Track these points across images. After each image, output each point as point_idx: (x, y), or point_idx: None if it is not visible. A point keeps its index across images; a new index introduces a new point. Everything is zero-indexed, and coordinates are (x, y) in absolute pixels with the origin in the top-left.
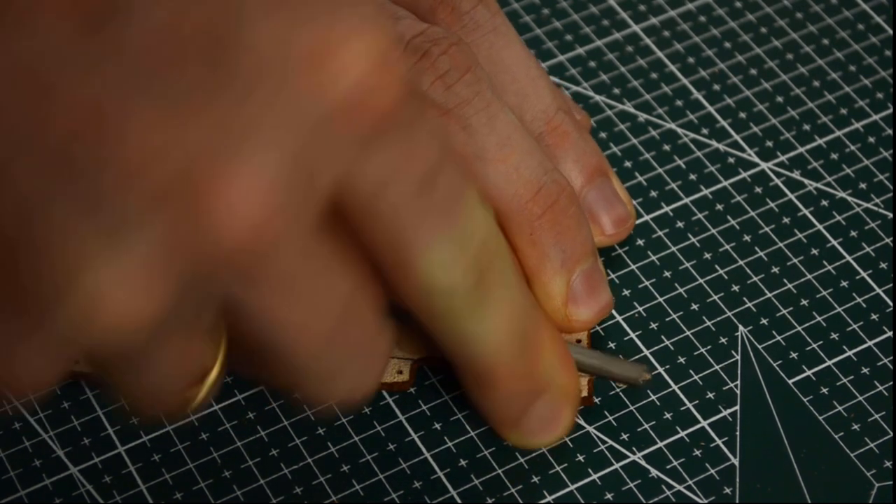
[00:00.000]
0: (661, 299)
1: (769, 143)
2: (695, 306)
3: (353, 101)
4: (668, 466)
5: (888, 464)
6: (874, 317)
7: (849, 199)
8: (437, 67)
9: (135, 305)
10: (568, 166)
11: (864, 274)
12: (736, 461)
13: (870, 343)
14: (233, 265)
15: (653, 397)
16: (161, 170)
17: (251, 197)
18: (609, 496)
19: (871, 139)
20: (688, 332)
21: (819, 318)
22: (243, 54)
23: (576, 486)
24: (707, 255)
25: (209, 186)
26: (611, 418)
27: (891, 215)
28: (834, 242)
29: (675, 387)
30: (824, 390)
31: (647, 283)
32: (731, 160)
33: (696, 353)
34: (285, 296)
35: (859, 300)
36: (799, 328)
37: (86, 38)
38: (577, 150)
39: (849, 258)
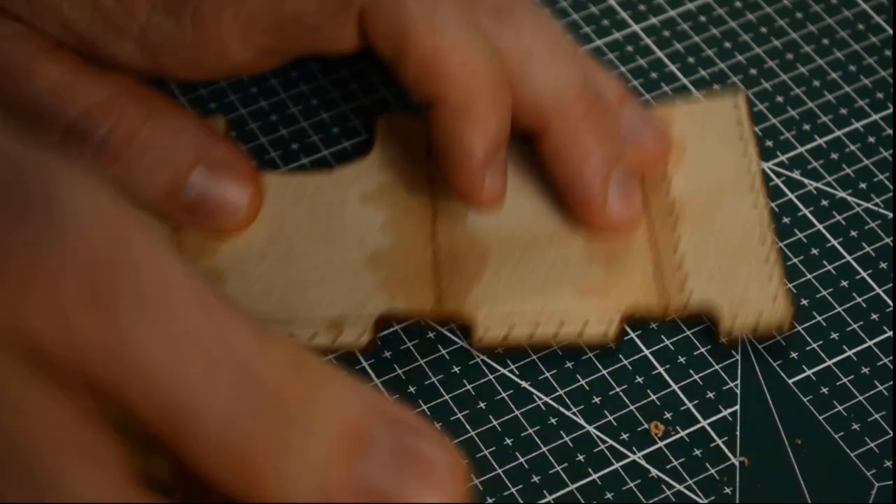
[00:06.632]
0: None
1: (769, 143)
2: None
3: None
4: (668, 466)
5: (888, 464)
6: (874, 317)
7: (849, 198)
8: None
9: None
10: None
11: (864, 274)
12: (736, 461)
13: (870, 343)
14: None
15: (653, 397)
16: None
17: None
18: (609, 496)
19: (871, 139)
20: (688, 332)
21: (819, 318)
22: None
23: (576, 485)
24: None
25: None
26: (611, 418)
27: (891, 215)
28: (834, 242)
29: (675, 387)
30: (824, 390)
31: None
32: None
33: (696, 353)
34: None
35: (859, 300)
36: (799, 328)
37: None
38: (605, 77)
39: (849, 258)
